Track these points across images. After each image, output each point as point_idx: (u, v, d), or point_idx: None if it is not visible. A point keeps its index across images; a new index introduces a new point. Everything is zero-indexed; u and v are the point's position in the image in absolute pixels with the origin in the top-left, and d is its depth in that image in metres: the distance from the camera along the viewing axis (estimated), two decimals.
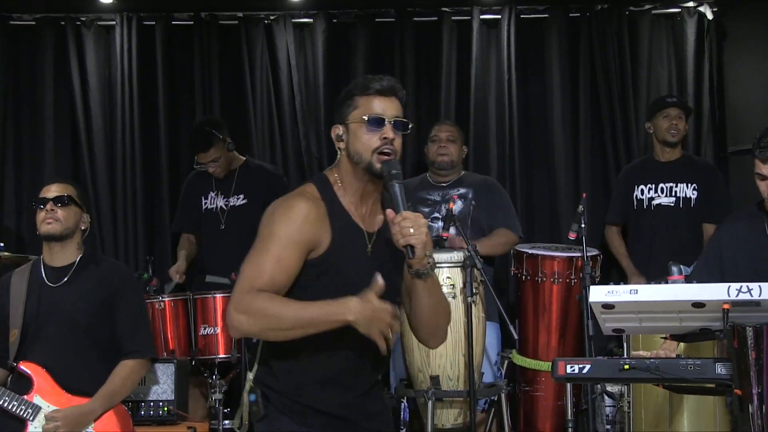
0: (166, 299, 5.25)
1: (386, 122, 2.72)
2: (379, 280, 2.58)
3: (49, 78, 6.41)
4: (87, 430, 3.83)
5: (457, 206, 5.14)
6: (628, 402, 4.93)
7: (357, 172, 2.75)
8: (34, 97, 6.45)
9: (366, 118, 2.72)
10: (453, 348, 4.66)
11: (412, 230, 2.58)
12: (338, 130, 2.80)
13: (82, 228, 4.08)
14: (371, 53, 6.40)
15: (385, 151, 2.71)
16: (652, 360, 2.98)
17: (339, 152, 2.80)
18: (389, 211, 2.65)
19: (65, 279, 3.99)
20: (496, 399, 4.95)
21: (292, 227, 2.67)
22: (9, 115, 6.43)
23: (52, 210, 3.96)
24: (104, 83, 6.39)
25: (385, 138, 2.71)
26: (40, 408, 3.78)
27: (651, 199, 5.66)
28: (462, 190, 5.45)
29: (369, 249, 2.76)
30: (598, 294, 2.94)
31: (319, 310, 2.59)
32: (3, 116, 6.41)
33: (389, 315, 2.57)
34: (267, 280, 2.63)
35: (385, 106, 2.74)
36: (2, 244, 5.49)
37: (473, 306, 4.60)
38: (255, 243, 2.72)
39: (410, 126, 2.79)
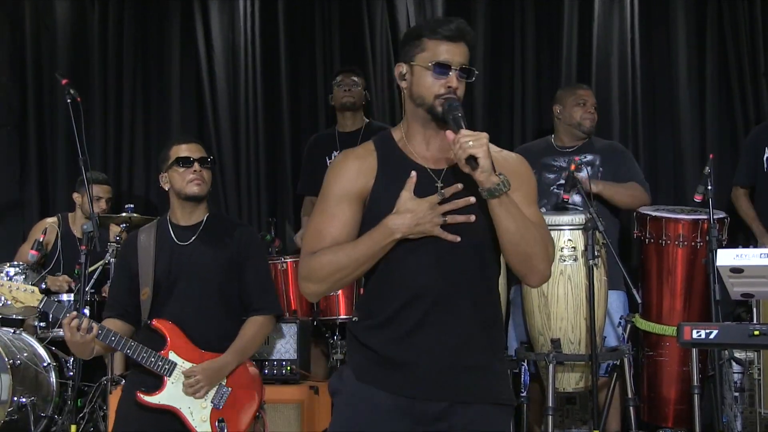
0: (289, 260, 5.33)
1: (452, 70, 2.68)
2: (412, 175, 2.64)
3: (176, 43, 6.59)
4: (221, 383, 3.91)
5: (583, 174, 5.02)
6: (758, 369, 4.80)
7: (418, 112, 2.73)
8: (162, 63, 6.63)
9: (431, 64, 2.69)
10: (574, 311, 4.62)
11: (471, 143, 2.56)
12: (402, 68, 2.76)
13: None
14: (491, 13, 6.32)
15: (448, 98, 2.68)
16: None
17: (402, 91, 2.79)
18: (448, 133, 2.62)
19: (194, 238, 4.00)
20: (618, 363, 4.88)
21: (337, 184, 2.74)
22: (138, 82, 6.63)
23: (200, 171, 3.97)
24: (228, 47, 6.51)
25: (449, 86, 2.68)
26: (175, 364, 3.86)
27: None
28: (589, 157, 5.29)
29: (439, 185, 2.70)
30: (726, 258, 2.85)
31: (366, 241, 2.65)
32: (132, 83, 6.61)
33: (430, 205, 2.60)
34: (324, 239, 2.70)
35: (453, 53, 2.69)
36: (132, 206, 5.67)
37: (595, 269, 4.55)
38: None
39: (475, 73, 2.74)
